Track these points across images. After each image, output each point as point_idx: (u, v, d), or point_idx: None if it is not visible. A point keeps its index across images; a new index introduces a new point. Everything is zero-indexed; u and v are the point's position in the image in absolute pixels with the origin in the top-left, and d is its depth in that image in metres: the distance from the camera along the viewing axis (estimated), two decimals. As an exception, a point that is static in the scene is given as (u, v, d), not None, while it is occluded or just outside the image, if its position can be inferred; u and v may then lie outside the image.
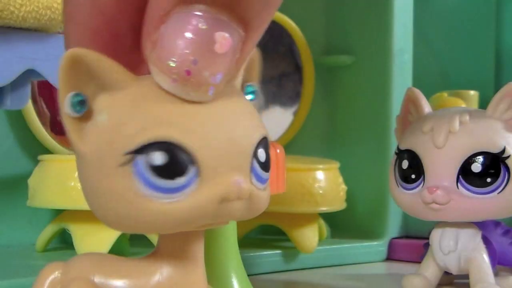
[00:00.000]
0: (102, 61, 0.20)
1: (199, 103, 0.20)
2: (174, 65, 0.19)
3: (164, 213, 0.20)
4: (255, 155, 0.21)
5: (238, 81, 0.22)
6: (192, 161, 0.20)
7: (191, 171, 0.20)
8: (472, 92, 0.62)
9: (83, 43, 0.21)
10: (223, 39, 0.19)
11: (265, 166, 0.21)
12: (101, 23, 0.21)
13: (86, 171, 0.20)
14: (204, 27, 0.19)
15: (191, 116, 0.20)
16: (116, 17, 0.21)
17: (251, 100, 0.22)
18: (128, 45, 0.21)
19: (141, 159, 0.19)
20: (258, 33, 0.20)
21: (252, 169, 0.21)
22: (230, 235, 0.34)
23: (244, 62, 0.21)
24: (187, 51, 0.19)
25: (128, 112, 0.20)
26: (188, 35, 0.19)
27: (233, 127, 0.20)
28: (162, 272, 0.22)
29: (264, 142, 0.21)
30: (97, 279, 0.21)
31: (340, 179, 0.50)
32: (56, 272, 0.22)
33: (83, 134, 0.20)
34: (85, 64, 0.20)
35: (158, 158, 0.19)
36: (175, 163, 0.19)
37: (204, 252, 0.23)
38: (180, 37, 0.19)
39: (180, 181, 0.20)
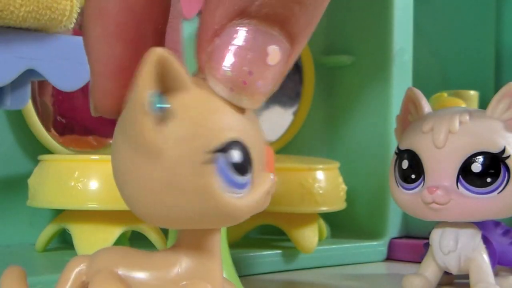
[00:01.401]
0: (177, 61, 0.21)
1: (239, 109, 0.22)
2: (231, 75, 0.21)
3: (236, 207, 0.22)
4: None
5: None
6: (251, 159, 0.22)
7: (251, 169, 0.22)
8: (472, 92, 0.62)
9: (108, 38, 0.21)
10: (275, 52, 0.21)
11: None
12: (130, 19, 0.21)
13: (156, 168, 0.21)
14: (258, 40, 0.21)
15: (242, 120, 0.22)
16: (143, 16, 0.22)
17: None
18: (150, 46, 0.22)
19: (222, 157, 0.21)
20: (301, 46, 0.22)
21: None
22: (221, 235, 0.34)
23: (286, 73, 0.23)
24: (243, 63, 0.21)
25: (205, 113, 0.21)
26: (244, 47, 0.21)
27: (259, 130, 0.23)
28: (181, 264, 0.23)
29: None
30: (120, 271, 0.23)
31: (340, 179, 0.50)
32: (82, 265, 0.23)
33: (159, 132, 0.21)
34: (167, 64, 0.21)
35: (237, 156, 0.21)
36: (246, 160, 0.22)
37: None
38: (236, 49, 0.21)
39: (247, 177, 0.22)
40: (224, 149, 0.21)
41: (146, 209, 0.22)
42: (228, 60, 0.21)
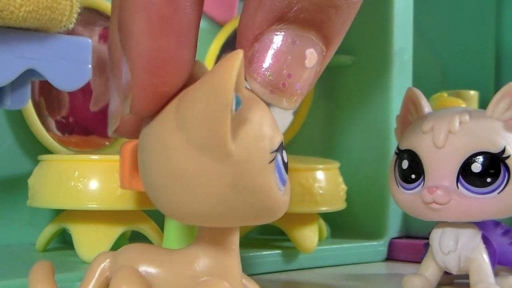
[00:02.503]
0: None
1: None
2: (271, 78, 0.22)
3: (282, 203, 0.23)
4: None
5: None
6: None
7: None
8: (472, 92, 0.62)
9: (153, 31, 0.21)
10: (312, 55, 0.23)
11: None
12: (173, 12, 0.21)
13: (225, 169, 0.21)
14: (297, 44, 0.22)
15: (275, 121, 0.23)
16: (186, 9, 0.22)
17: None
18: (189, 40, 0.22)
19: (279, 156, 0.22)
20: (335, 47, 0.24)
21: None
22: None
23: (320, 74, 0.24)
24: (283, 66, 0.22)
25: (263, 114, 0.22)
26: (283, 52, 0.22)
27: None
28: (199, 262, 0.24)
29: None
30: (141, 268, 0.24)
31: (340, 179, 0.50)
32: (107, 260, 0.25)
33: (231, 133, 0.21)
34: (242, 66, 0.21)
35: (284, 154, 0.23)
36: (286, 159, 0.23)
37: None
38: (276, 53, 0.22)
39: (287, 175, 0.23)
40: (278, 148, 0.22)
41: (200, 210, 0.22)
42: (268, 64, 0.22)
